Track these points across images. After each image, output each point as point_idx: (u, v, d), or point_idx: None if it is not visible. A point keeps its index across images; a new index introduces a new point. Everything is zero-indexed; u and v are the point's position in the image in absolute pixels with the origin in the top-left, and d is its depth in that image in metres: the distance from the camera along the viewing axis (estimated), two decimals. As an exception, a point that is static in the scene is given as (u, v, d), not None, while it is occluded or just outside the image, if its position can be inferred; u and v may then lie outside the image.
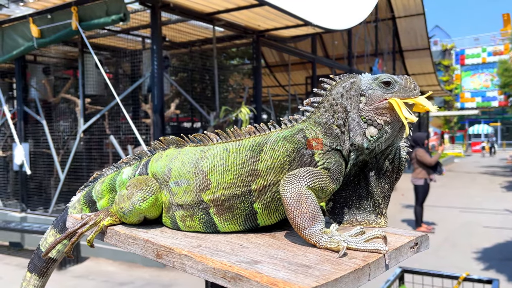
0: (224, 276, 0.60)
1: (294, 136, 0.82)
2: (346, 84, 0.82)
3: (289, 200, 0.71)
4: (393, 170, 0.82)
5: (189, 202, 0.83)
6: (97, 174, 1.09)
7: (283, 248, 0.69)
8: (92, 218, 0.90)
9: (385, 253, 0.66)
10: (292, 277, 0.56)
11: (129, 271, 5.45)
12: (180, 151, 0.91)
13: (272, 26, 7.27)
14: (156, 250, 0.73)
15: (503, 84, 18.22)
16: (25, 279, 1.13)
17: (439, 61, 30.06)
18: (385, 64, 14.38)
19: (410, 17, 14.86)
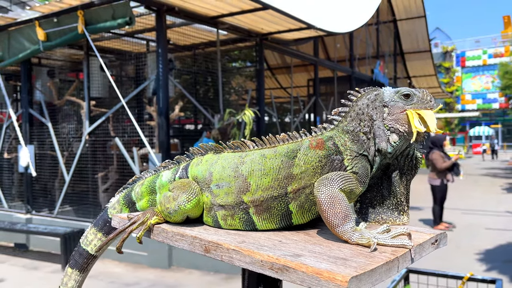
0: (271, 268, 0.67)
1: (325, 143, 0.90)
2: (371, 96, 0.91)
3: (323, 201, 0.79)
4: (411, 168, 0.90)
5: (230, 202, 0.91)
6: (136, 177, 1.16)
7: (319, 243, 0.76)
8: (140, 217, 0.97)
9: (410, 248, 0.73)
10: (333, 267, 0.64)
11: (134, 272, 5.50)
12: (219, 157, 0.99)
13: (275, 29, 7.33)
14: (204, 245, 0.80)
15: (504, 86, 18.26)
16: (66, 275, 1.20)
17: (439, 63, 30.12)
18: (386, 66, 14.45)
19: (412, 19, 14.95)
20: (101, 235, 1.18)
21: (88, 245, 1.19)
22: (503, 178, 15.18)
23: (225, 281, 5.03)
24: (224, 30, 6.88)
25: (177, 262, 5.60)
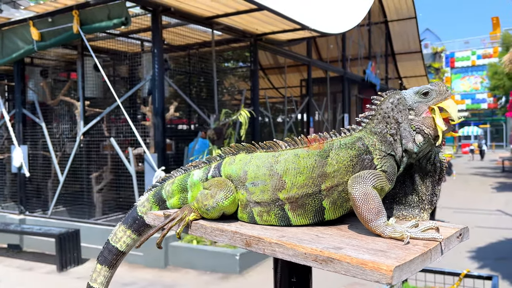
0: (315, 260, 0.71)
1: (355, 143, 0.94)
2: (394, 100, 0.95)
3: (357, 197, 0.84)
4: (435, 171, 0.95)
5: (266, 199, 0.95)
6: (165, 176, 1.19)
7: (353, 237, 0.81)
8: (179, 214, 1.01)
9: (441, 241, 0.79)
10: (376, 258, 0.69)
11: (131, 272, 5.50)
12: (252, 156, 1.03)
13: (270, 30, 7.37)
14: (245, 239, 0.86)
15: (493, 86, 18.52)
16: (95, 271, 1.23)
17: (429, 64, 30.42)
18: (378, 67, 14.58)
19: (403, 20, 15.09)
20: (130, 232, 1.21)
21: (117, 242, 1.22)
22: (492, 177, 15.41)
23: (222, 280, 5.06)
24: (219, 30, 6.90)
25: (173, 262, 5.61)
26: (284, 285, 0.91)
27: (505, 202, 9.74)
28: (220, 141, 5.84)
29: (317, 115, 11.16)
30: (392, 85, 16.86)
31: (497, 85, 16.62)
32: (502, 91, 17.56)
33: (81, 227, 6.11)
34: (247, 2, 5.62)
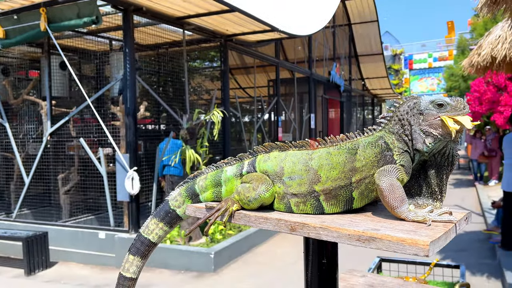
0: (358, 239, 0.84)
1: (377, 142, 1.07)
2: (410, 104, 1.07)
3: (385, 188, 0.97)
4: (448, 164, 1.08)
5: (303, 191, 1.07)
6: (197, 172, 1.28)
7: (382, 222, 0.94)
8: (223, 205, 1.10)
9: (455, 223, 0.94)
10: (411, 236, 0.82)
11: (103, 273, 5.44)
12: (287, 154, 1.13)
13: (240, 31, 7.46)
14: (290, 225, 0.97)
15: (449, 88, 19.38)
16: (127, 261, 1.29)
17: (390, 66, 31.46)
18: (342, 69, 14.97)
19: (365, 23, 15.58)
20: (162, 224, 1.29)
21: (149, 234, 1.30)
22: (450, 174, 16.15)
23: (196, 279, 5.11)
24: (189, 30, 6.92)
25: (146, 263, 5.58)
26: (314, 266, 1.04)
27: (461, 198, 10.28)
28: (193, 141, 5.87)
29: (284, 115, 11.35)
30: (355, 86, 17.37)
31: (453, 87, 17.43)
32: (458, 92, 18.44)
33: (48, 230, 5.97)
34: (218, 3, 5.68)
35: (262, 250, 6.23)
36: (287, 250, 6.22)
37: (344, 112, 15.44)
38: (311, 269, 1.04)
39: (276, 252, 6.15)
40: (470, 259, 5.36)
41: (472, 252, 5.79)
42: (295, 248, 6.32)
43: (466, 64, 5.07)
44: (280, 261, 5.72)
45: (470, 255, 5.64)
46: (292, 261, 5.70)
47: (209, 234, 5.91)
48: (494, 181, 11.62)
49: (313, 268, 1.04)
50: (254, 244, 6.28)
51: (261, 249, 6.29)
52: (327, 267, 1.03)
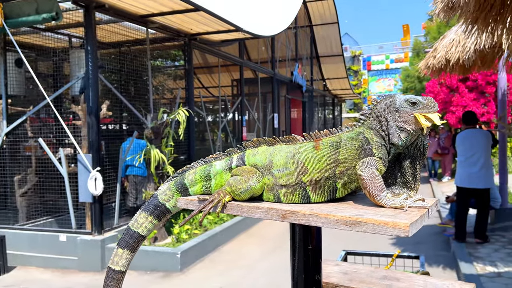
0: (345, 224, 0.94)
1: (358, 136, 1.15)
2: (387, 102, 1.17)
3: (366, 178, 1.06)
4: (420, 155, 1.18)
5: (291, 183, 1.14)
6: (186, 167, 1.32)
7: (364, 208, 1.02)
8: (216, 197, 1.15)
9: (428, 208, 1.05)
10: (392, 219, 0.92)
11: (64, 277, 5.29)
12: (275, 148, 1.20)
13: (204, 30, 7.46)
14: (281, 213, 1.05)
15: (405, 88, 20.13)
16: (116, 255, 1.30)
17: (349, 66, 32.25)
18: (304, 69, 15.23)
19: (326, 25, 15.93)
20: (151, 218, 1.32)
21: (139, 227, 1.32)
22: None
23: (163, 279, 5.07)
24: (153, 29, 6.84)
25: (110, 264, 5.48)
26: (301, 252, 1.11)
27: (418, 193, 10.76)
28: (158, 140, 5.82)
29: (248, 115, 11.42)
30: (317, 86, 17.71)
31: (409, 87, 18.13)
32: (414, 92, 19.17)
33: (5, 234, 5.73)
34: (183, 2, 5.66)
35: (228, 249, 6.26)
36: (252, 248, 6.29)
37: (306, 112, 15.72)
38: (297, 255, 1.11)
39: (242, 250, 6.20)
40: (427, 251, 5.63)
41: (428, 245, 6.08)
42: (260, 246, 6.40)
43: (423, 66, 5.33)
44: (246, 259, 5.78)
45: (427, 247, 5.93)
46: (257, 258, 5.77)
47: (175, 234, 5.89)
48: (447, 178, 12.21)
49: (299, 254, 1.11)
50: (220, 243, 6.31)
51: (227, 247, 6.33)
52: (312, 252, 1.10)
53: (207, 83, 13.33)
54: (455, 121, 12.20)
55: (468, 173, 5.72)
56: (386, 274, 1.44)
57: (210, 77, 13.01)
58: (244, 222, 7.25)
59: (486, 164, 5.68)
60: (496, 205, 6.43)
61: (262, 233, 7.19)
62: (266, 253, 5.98)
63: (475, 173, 5.68)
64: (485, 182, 5.68)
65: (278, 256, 5.79)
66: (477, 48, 4.47)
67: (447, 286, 1.32)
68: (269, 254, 5.94)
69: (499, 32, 3.02)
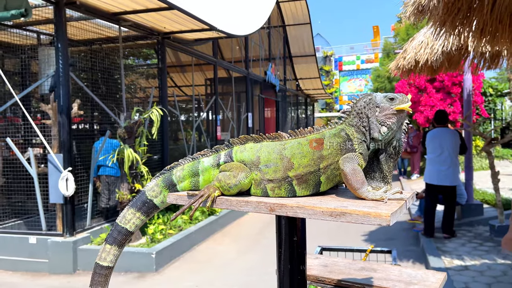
0: (331, 215, 0.99)
1: (340, 133, 1.21)
2: (366, 100, 1.23)
3: (348, 172, 1.12)
4: (395, 153, 1.24)
5: (278, 177, 1.18)
6: (173, 164, 1.33)
7: (347, 201, 1.07)
8: (205, 192, 1.18)
9: (406, 200, 1.10)
10: (374, 210, 0.97)
11: (35, 280, 5.16)
12: (262, 145, 1.24)
13: (178, 29, 7.41)
14: (269, 206, 1.09)
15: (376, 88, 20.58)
16: (104, 251, 1.31)
17: (321, 67, 32.67)
18: (277, 69, 15.34)
19: (298, 25, 16.09)
20: (139, 214, 1.34)
21: (126, 223, 1.33)
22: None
23: (138, 279, 5.02)
24: (125, 27, 6.75)
25: (83, 266, 5.39)
26: (286, 244, 1.16)
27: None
28: (131, 140, 5.75)
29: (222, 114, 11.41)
30: (290, 86, 17.87)
31: (380, 87, 18.55)
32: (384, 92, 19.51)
33: (-29, 237, 5.54)
34: (157, 1, 5.61)
35: (203, 248, 6.25)
36: (227, 247, 6.31)
37: (280, 111, 15.84)
38: (283, 247, 1.16)
39: (216, 250, 6.21)
40: (398, 246, 5.80)
41: (399, 240, 6.26)
42: (234, 245, 6.43)
43: (393, 67, 5.49)
44: (221, 258, 5.79)
45: (397, 243, 6.10)
46: (232, 257, 5.79)
47: (150, 234, 5.84)
48: (416, 175, 12.58)
49: (285, 246, 1.15)
50: (195, 243, 6.29)
51: (202, 247, 6.32)
52: (297, 244, 1.15)
53: (180, 82, 13.23)
54: (423, 121, 12.58)
55: (437, 171, 5.93)
56: (363, 265, 1.50)
57: (184, 76, 12.92)
58: (218, 222, 7.26)
59: (453, 163, 5.90)
60: (462, 201, 6.69)
61: (236, 232, 7.22)
62: (240, 252, 6.01)
63: (443, 171, 5.89)
64: (452, 179, 5.91)
65: (252, 255, 5.83)
66: (444, 50, 4.65)
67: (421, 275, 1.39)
68: (244, 253, 5.98)
69: (466, 34, 3.15)
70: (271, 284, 4.65)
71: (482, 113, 13.87)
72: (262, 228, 7.39)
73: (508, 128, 17.48)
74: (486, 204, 7.83)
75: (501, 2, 3.00)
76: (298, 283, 1.14)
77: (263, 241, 6.56)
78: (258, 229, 7.30)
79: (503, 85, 18.70)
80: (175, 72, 12.74)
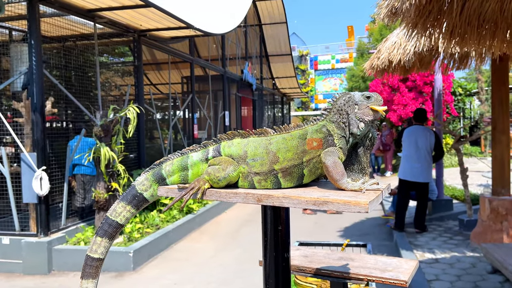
0: (314, 203, 1.07)
1: (321, 129, 1.28)
2: (345, 98, 1.31)
3: (329, 165, 1.19)
4: (370, 146, 1.33)
5: (264, 170, 1.25)
6: (163, 159, 1.38)
7: (329, 191, 1.14)
8: (196, 185, 1.24)
9: (382, 190, 1.19)
10: (354, 199, 1.06)
11: (9, 281, 5.06)
12: (248, 140, 1.30)
13: (154, 27, 7.37)
14: (257, 197, 1.16)
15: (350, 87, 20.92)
16: (95, 243, 1.35)
17: (297, 66, 32.92)
18: (254, 68, 15.40)
19: (275, 24, 16.19)
20: (130, 207, 1.38)
21: (117, 216, 1.38)
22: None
23: (116, 278, 4.99)
24: (101, 24, 6.66)
25: (58, 267, 5.31)
26: (271, 233, 1.23)
27: (363, 188, 11.27)
28: (107, 138, 5.69)
29: (199, 112, 11.39)
30: (266, 85, 17.97)
31: (354, 87, 18.87)
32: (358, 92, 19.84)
33: None
34: (134, -2, 5.58)
35: (180, 247, 6.26)
36: (205, 245, 6.33)
37: (256, 110, 15.91)
38: (269, 236, 1.23)
39: (194, 248, 6.22)
40: (372, 241, 5.94)
41: (373, 235, 6.43)
42: (212, 243, 6.45)
43: (368, 67, 5.64)
44: (199, 256, 5.81)
45: (372, 237, 6.26)
46: (210, 255, 5.82)
47: (127, 233, 5.80)
48: (389, 172, 12.88)
49: (270, 235, 1.23)
50: (172, 241, 6.29)
51: (180, 245, 6.32)
52: (281, 233, 1.23)
53: (156, 80, 13.11)
54: (396, 119, 12.89)
55: (411, 167, 6.11)
56: (341, 255, 1.58)
57: (159, 74, 12.81)
58: (195, 220, 7.26)
59: (427, 160, 6.10)
60: (433, 197, 6.92)
61: (213, 230, 7.24)
62: (217, 250, 6.04)
63: (417, 168, 6.08)
64: (426, 176, 6.11)
65: (229, 253, 5.87)
66: (416, 51, 4.81)
67: (395, 262, 1.48)
68: (221, 251, 6.01)
69: (436, 36, 3.29)
70: (248, 280, 4.72)
71: (452, 112, 14.33)
72: (239, 226, 7.44)
73: (476, 127, 18.10)
74: (456, 200, 8.12)
75: (469, 5, 3.14)
76: (282, 269, 1.22)
77: (239, 239, 6.61)
78: (235, 228, 7.35)
79: (472, 85, 19.34)
80: (150, 70, 12.61)
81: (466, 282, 4.23)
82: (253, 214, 8.46)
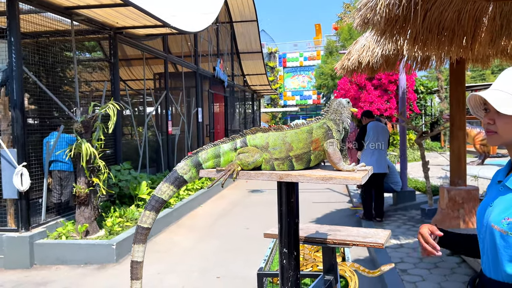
0: (322, 179, 1.40)
1: (323, 125, 1.62)
2: (337, 102, 1.67)
3: (331, 152, 1.53)
4: (346, 134, 1.68)
5: (282, 157, 1.57)
6: (199, 149, 1.68)
7: (330, 172, 1.47)
8: (231, 167, 1.55)
9: (368, 170, 1.54)
10: (352, 175, 1.39)
11: (-10, 276, 5.11)
12: (269, 134, 1.63)
13: (131, 24, 7.48)
14: (279, 176, 1.49)
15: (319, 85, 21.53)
16: (144, 215, 1.65)
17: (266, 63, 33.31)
18: (226, 65, 15.61)
19: (245, 22, 16.45)
20: (172, 187, 1.68)
21: (162, 194, 1.68)
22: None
23: (98, 270, 5.15)
24: (78, 21, 6.72)
25: (40, 261, 5.40)
26: (286, 203, 1.58)
27: (331, 182, 11.75)
28: (88, 134, 5.80)
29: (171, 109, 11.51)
30: (238, 82, 18.21)
31: (322, 84, 19.45)
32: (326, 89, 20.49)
33: None
34: (113, -3, 5.71)
35: (160, 239, 6.45)
36: (183, 238, 6.55)
37: (228, 106, 16.14)
38: (284, 206, 1.58)
39: (174, 240, 6.43)
40: (342, 231, 6.36)
41: (344, 225, 6.81)
42: (190, 235, 6.68)
43: (339, 67, 6.02)
44: (179, 247, 6.03)
45: (342, 228, 6.66)
46: (189, 246, 6.06)
47: (108, 227, 5.94)
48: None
49: (285, 205, 1.58)
50: (152, 234, 6.47)
51: (160, 238, 6.51)
52: (293, 204, 1.58)
53: (126, 77, 13.10)
54: (363, 116, 13.42)
55: (375, 160, 6.58)
56: (329, 228, 1.91)
57: (129, 70, 12.81)
58: (173, 214, 7.46)
59: (385, 152, 6.72)
60: (398, 188, 7.42)
61: (190, 224, 7.46)
62: (196, 242, 6.28)
63: (379, 160, 6.60)
64: (384, 167, 6.71)
65: (207, 244, 6.13)
66: (383, 53, 5.22)
67: (373, 231, 1.83)
68: (199, 242, 6.26)
69: (402, 42, 3.67)
70: (228, 268, 5.00)
71: (414, 109, 15.08)
72: (214, 220, 7.70)
73: (437, 123, 19.07)
74: (418, 191, 8.69)
75: (430, 14, 3.54)
76: (294, 231, 1.58)
77: (216, 231, 6.87)
78: (211, 221, 7.60)
79: (433, 83, 20.33)
80: (122, 67, 12.60)
81: (427, 263, 4.68)
82: (227, 208, 8.74)
